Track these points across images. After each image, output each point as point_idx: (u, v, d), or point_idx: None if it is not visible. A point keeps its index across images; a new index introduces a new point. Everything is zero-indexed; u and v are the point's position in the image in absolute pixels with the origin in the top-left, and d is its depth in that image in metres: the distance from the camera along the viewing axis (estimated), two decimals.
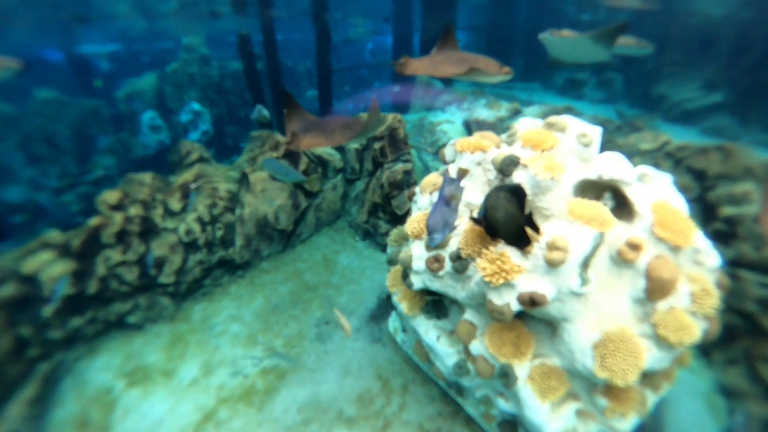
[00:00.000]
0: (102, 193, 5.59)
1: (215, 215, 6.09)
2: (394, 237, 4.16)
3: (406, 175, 6.39)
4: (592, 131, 3.18)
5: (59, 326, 4.98)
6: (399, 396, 4.20)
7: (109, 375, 4.78)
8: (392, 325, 4.84)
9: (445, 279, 3.16)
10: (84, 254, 5.22)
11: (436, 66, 3.68)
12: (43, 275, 4.90)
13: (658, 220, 2.76)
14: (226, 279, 6.07)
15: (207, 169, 6.83)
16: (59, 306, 4.94)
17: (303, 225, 6.97)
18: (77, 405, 4.49)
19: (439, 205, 2.40)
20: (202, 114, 13.16)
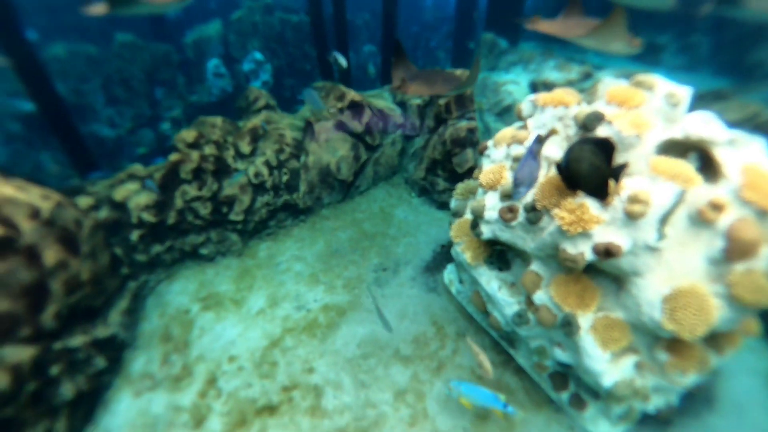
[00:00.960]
0: (180, 132, 5.94)
1: (282, 160, 6.35)
2: (461, 190, 4.23)
3: (470, 132, 6.35)
4: (681, 92, 3.07)
5: (143, 251, 5.49)
6: (453, 341, 4.40)
7: (186, 298, 5.27)
8: (447, 277, 4.99)
9: (516, 229, 3.23)
10: (165, 187, 5.64)
11: (568, 28, 3.92)
12: (131, 203, 5.36)
13: (747, 182, 2.68)
14: (289, 222, 6.40)
15: (273, 116, 7.06)
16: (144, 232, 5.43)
17: (362, 177, 7.14)
18: (161, 321, 5.01)
19: (527, 159, 2.46)
20: (263, 64, 13.38)
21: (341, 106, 6.99)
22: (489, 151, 3.87)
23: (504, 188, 3.29)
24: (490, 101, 8.98)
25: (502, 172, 3.41)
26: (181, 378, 4.37)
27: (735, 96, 6.35)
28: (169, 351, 4.65)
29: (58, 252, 4.17)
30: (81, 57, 10.93)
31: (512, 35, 11.38)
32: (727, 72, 9.65)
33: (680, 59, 10.70)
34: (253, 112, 7.17)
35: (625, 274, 2.81)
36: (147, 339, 4.82)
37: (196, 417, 4.03)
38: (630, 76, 3.44)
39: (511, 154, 3.46)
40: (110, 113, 11.03)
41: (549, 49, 9.42)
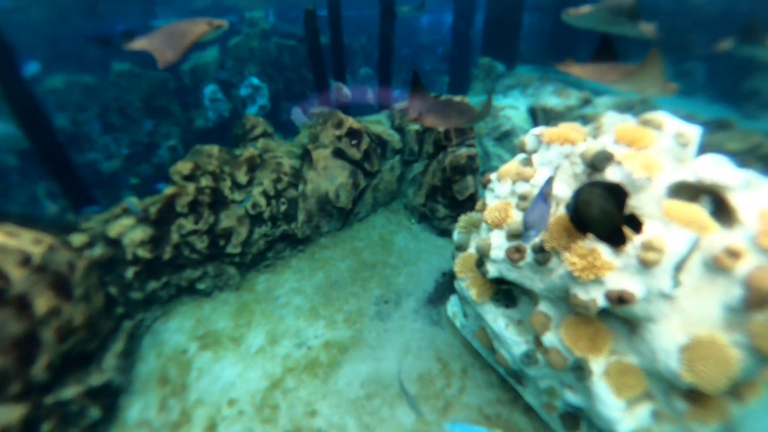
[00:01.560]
0: (176, 164, 5.87)
1: (280, 190, 6.27)
2: (464, 223, 4.14)
3: (469, 160, 6.29)
4: (691, 131, 3.01)
5: (139, 288, 5.36)
6: (459, 379, 4.25)
7: (183, 337, 5.12)
8: (451, 309, 4.87)
9: (523, 270, 3.13)
10: (160, 221, 5.54)
11: (602, 73, 3.89)
12: (125, 239, 5.26)
13: (764, 229, 2.59)
14: (287, 252, 6.29)
15: (271, 143, 7.02)
16: (139, 269, 5.31)
17: (361, 204, 7.06)
18: (157, 362, 4.85)
19: (538, 201, 2.38)
20: (260, 89, 13.44)
21: (339, 133, 6.95)
22: (493, 185, 3.79)
23: (510, 227, 3.20)
24: (488, 126, 8.97)
25: (507, 210, 3.33)
26: (179, 425, 4.20)
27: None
28: (167, 395, 4.49)
29: (50, 299, 4.04)
30: (78, 87, 10.97)
31: (509, 59, 11.47)
32: (724, 98, 9.70)
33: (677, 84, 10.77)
34: (250, 140, 7.14)
35: (639, 320, 2.71)
36: (143, 382, 4.66)
37: None
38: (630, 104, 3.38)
39: (516, 192, 3.38)
40: (106, 141, 11.01)
41: (546, 74, 9.46)
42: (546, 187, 2.44)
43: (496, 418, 3.87)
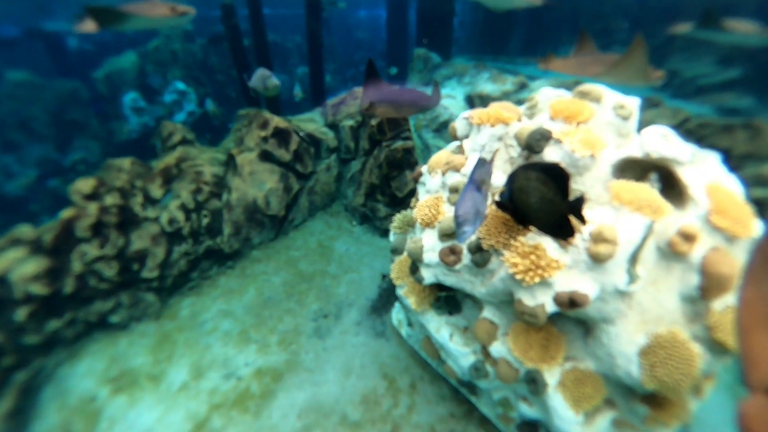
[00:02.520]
0: (75, 182, 5.11)
1: (200, 202, 5.63)
2: (399, 223, 3.73)
3: (406, 153, 5.92)
4: (631, 102, 2.74)
5: (35, 330, 4.56)
6: (407, 396, 3.85)
7: (93, 381, 4.40)
8: (396, 318, 4.46)
9: (462, 273, 2.75)
10: (58, 250, 4.77)
11: (585, 66, 3.78)
12: (13, 275, 4.46)
13: (714, 206, 2.33)
14: (214, 270, 5.66)
15: (191, 151, 6.33)
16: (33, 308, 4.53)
17: (296, 209, 6.52)
18: (59, 416, 4.12)
19: (469, 190, 1.98)
20: (186, 94, 12.49)
21: (265, 134, 6.38)
22: (424, 178, 3.40)
23: (443, 226, 2.81)
24: (426, 117, 8.67)
25: (438, 205, 2.94)
26: None
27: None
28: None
29: None
30: None
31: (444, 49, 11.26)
32: None
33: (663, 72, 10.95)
34: (167, 149, 6.41)
35: (594, 322, 2.39)
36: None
37: None
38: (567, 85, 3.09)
39: (447, 184, 3.00)
40: (8, 161, 9.78)
41: (481, 62, 9.28)
42: (477, 173, 2.05)
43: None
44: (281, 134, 6.33)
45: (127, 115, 11.85)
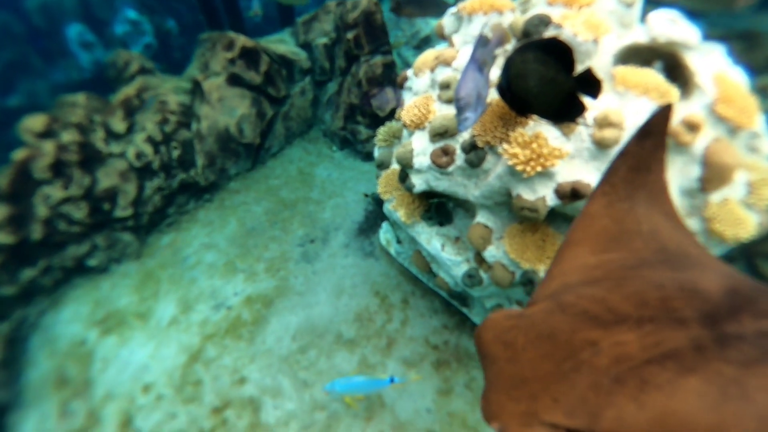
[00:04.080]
0: (23, 120, 4.66)
1: (168, 133, 5.24)
2: (384, 135, 3.48)
3: (386, 69, 5.51)
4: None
5: (9, 281, 4.36)
6: (400, 311, 3.83)
7: (80, 326, 4.30)
8: (384, 237, 4.36)
9: (454, 176, 2.57)
10: (17, 195, 4.45)
11: None
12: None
13: (720, 95, 2.14)
14: (192, 205, 5.40)
15: (152, 81, 5.81)
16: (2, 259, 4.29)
17: (272, 137, 6.17)
18: (51, 362, 4.05)
19: (470, 71, 1.75)
20: (140, 23, 11.37)
21: (231, 56, 5.84)
22: (410, 81, 3.12)
23: (434, 125, 2.57)
24: (406, 34, 8.06)
25: (428, 104, 2.68)
26: (87, 429, 3.54)
27: None
28: (67, 398, 3.76)
29: None
30: None
31: None
32: None
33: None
34: (125, 80, 5.86)
35: None
36: (36, 390, 3.88)
37: None
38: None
39: (437, 80, 2.71)
40: None
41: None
42: (478, 52, 1.80)
43: (444, 346, 3.53)
44: (249, 55, 5.81)
45: (75, 52, 10.82)
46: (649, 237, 1.56)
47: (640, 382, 1.06)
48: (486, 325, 1.27)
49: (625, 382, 1.07)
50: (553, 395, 1.09)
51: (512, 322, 1.24)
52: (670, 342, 1.10)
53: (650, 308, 1.19)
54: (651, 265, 1.40)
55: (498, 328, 1.24)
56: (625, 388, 1.06)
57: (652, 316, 1.17)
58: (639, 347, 1.11)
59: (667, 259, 1.46)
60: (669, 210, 1.67)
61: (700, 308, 1.17)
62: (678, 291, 1.22)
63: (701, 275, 1.30)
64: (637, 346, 1.11)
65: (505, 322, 1.24)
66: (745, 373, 1.03)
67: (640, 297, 1.22)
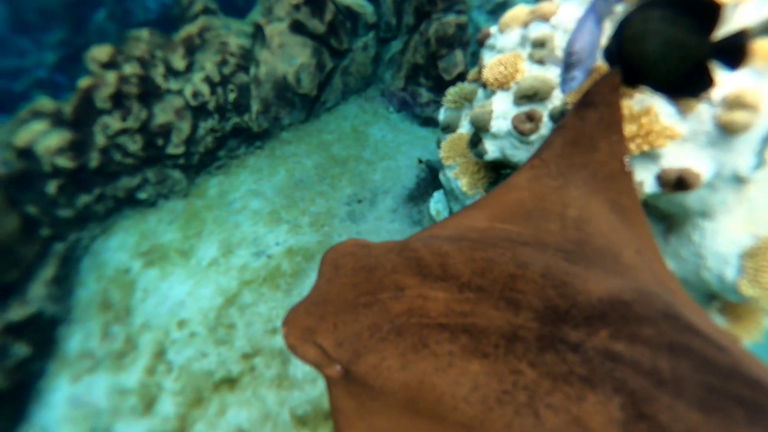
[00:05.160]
0: (90, 49, 4.68)
1: (226, 75, 5.14)
2: (453, 96, 3.17)
3: (459, 29, 5.12)
4: None
5: (67, 204, 4.49)
6: None
7: (126, 255, 4.39)
8: (434, 207, 4.09)
9: (535, 146, 2.27)
10: (79, 122, 4.51)
11: None
12: (38, 147, 4.27)
13: None
14: (242, 150, 5.34)
15: (214, 21, 5.69)
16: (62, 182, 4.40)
17: (329, 91, 5.96)
18: (98, 286, 4.18)
19: (587, 22, 1.46)
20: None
21: (297, 2, 5.61)
22: (493, 39, 2.77)
23: (521, 87, 2.24)
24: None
25: (516, 63, 2.35)
26: (124, 353, 3.63)
27: None
28: (110, 321, 3.87)
29: None
30: None
31: None
32: None
33: None
34: (188, 20, 5.79)
35: (688, 215, 1.94)
36: (84, 309, 4.02)
37: (145, 399, 3.34)
38: None
39: (530, 37, 2.36)
40: (24, 44, 9.34)
41: None
42: (599, 4, 1.49)
43: None
44: (315, 2, 5.56)
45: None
46: (571, 224, 1.45)
47: (419, 342, 1.02)
48: (336, 246, 1.26)
49: (404, 336, 1.03)
50: (336, 322, 1.08)
51: (355, 249, 1.24)
52: (482, 318, 1.05)
53: (487, 280, 1.13)
54: (545, 250, 1.30)
55: (341, 251, 1.24)
56: (400, 341, 1.03)
57: (483, 287, 1.11)
58: (443, 309, 1.06)
59: (575, 251, 1.34)
60: (620, 202, 1.49)
61: (551, 303, 1.08)
62: (541, 278, 1.13)
63: (600, 278, 1.18)
64: (442, 308, 1.06)
65: (350, 248, 1.24)
66: (547, 384, 0.96)
67: (485, 266, 1.17)
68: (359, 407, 1.10)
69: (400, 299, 1.10)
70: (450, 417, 1.01)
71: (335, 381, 1.10)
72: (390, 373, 1.03)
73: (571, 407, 0.96)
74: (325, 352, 1.08)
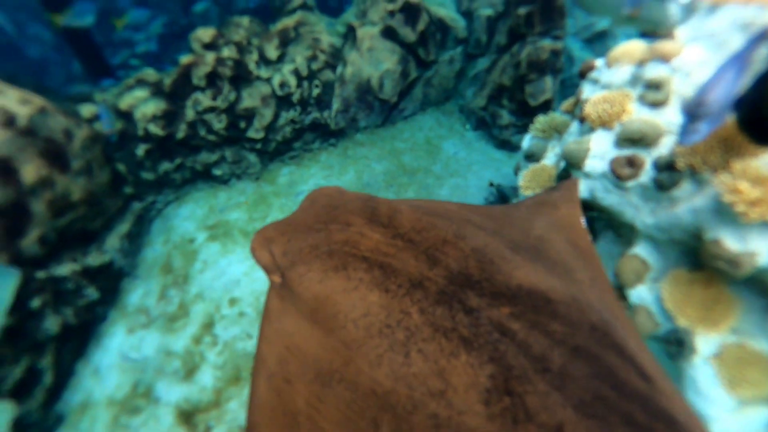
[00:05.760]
0: (196, 30, 4.98)
1: (314, 70, 5.30)
2: (542, 125, 3.07)
3: (553, 55, 4.96)
4: None
5: (151, 168, 4.82)
6: None
7: (193, 225, 4.63)
8: None
9: (630, 193, 2.13)
10: (175, 95, 4.82)
11: None
12: (137, 113, 4.61)
13: None
14: (317, 145, 5.48)
15: (310, 17, 5.88)
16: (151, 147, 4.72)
17: (408, 99, 5.99)
18: (164, 249, 4.43)
19: (730, 71, 1.35)
20: None
21: (392, 8, 5.67)
22: (598, 72, 2.65)
23: (629, 128, 2.11)
24: (578, 24, 7.23)
25: (624, 102, 2.23)
26: (176, 318, 3.82)
27: None
28: (168, 284, 4.09)
29: (40, 167, 3.52)
30: None
31: None
32: None
33: None
34: (287, 13, 6.02)
35: None
36: (148, 268, 4.28)
37: (188, 365, 3.50)
38: None
39: (644, 77, 2.22)
40: (139, 16, 10.12)
41: None
42: (755, 48, 1.38)
43: None
44: (410, 10, 5.60)
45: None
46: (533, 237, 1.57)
47: (341, 264, 1.19)
48: (322, 188, 1.53)
49: (332, 258, 1.21)
50: (291, 238, 1.29)
51: (333, 192, 1.47)
52: (400, 262, 1.18)
53: (421, 237, 1.27)
54: (494, 236, 1.41)
55: (323, 191, 1.48)
56: (328, 261, 1.21)
57: (414, 240, 1.25)
58: (372, 246, 1.22)
59: (527, 248, 1.44)
60: (579, 244, 1.62)
61: (467, 271, 1.18)
62: (470, 250, 1.24)
63: (535, 273, 1.25)
64: (372, 245, 1.23)
65: (330, 190, 1.48)
66: (427, 332, 1.06)
67: (425, 227, 1.31)
68: (281, 308, 1.30)
69: (343, 231, 1.29)
70: (337, 333, 1.15)
71: (275, 285, 1.30)
72: (310, 284, 1.21)
73: (441, 360, 1.02)
74: (274, 258, 1.29)
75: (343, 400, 1.11)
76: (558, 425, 0.95)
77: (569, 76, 6.64)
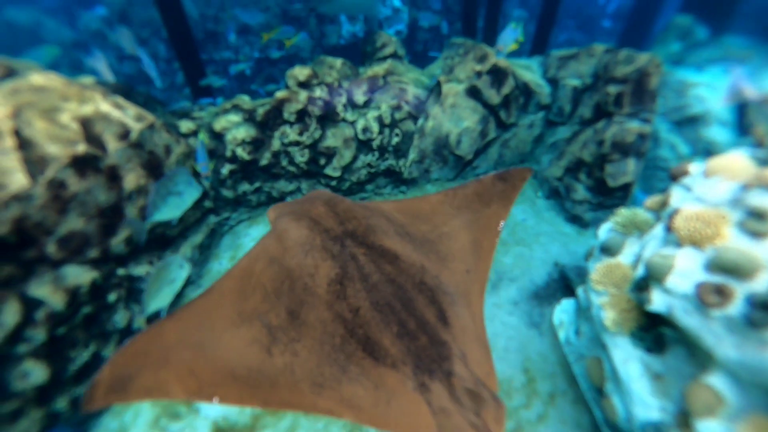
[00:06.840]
0: (293, 68, 5.35)
1: (396, 119, 5.50)
2: (624, 219, 3.00)
3: (639, 139, 4.86)
4: None
5: (231, 187, 5.15)
6: (542, 404, 3.36)
7: None
8: (558, 317, 3.86)
9: (713, 322, 2.03)
10: (265, 125, 5.16)
11: None
12: (228, 135, 4.98)
13: None
14: (388, 190, 5.63)
15: (399, 67, 6.16)
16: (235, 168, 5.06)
17: (483, 158, 6.04)
18: (229, 264, 4.68)
19: None
20: (400, 12, 12.33)
21: (480, 69, 5.83)
22: (692, 180, 2.57)
23: (723, 256, 2.03)
24: (668, 104, 7.04)
25: (719, 225, 2.15)
26: None
27: None
28: None
29: (140, 176, 3.89)
30: None
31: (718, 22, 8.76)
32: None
33: None
34: (377, 60, 6.34)
35: None
36: (212, 279, 4.52)
37: None
38: None
39: (746, 203, 2.14)
40: (240, 44, 11.03)
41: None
42: None
43: None
44: (497, 73, 5.72)
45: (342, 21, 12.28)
46: (436, 232, 2.51)
47: (298, 218, 2.37)
48: (319, 191, 2.75)
49: (295, 216, 2.40)
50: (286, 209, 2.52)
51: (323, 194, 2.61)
52: (324, 220, 2.32)
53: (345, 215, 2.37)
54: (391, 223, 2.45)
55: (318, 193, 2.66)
56: (293, 217, 2.37)
57: (339, 215, 2.36)
58: (317, 213, 2.38)
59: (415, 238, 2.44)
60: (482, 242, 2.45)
61: (356, 231, 2.27)
62: (366, 225, 2.32)
63: (402, 245, 2.28)
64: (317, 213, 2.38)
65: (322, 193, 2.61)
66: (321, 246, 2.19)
67: (350, 210, 2.41)
68: (267, 235, 2.36)
69: (309, 207, 2.39)
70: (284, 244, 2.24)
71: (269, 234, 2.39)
72: (280, 225, 2.35)
73: (319, 260, 2.10)
74: (271, 215, 2.54)
75: (275, 271, 2.12)
76: (358, 307, 1.93)
77: (652, 157, 6.43)
